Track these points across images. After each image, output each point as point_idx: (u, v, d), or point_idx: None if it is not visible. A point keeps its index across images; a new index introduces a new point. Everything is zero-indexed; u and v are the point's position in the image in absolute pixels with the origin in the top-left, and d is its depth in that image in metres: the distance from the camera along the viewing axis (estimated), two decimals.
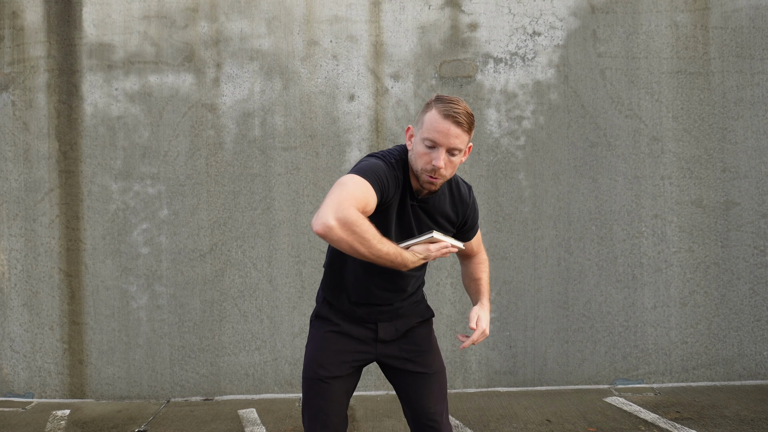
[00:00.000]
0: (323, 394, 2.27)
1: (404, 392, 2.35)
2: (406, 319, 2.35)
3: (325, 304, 2.38)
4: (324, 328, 2.34)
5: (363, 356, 2.32)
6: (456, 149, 2.06)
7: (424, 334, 2.38)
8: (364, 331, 2.31)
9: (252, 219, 4.69)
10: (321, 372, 2.27)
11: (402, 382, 2.35)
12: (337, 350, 2.29)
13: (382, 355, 2.34)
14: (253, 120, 4.70)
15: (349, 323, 2.32)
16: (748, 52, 4.69)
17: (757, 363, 4.69)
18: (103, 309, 4.68)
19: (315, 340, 2.34)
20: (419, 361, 2.33)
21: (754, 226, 4.69)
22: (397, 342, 2.33)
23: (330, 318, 2.34)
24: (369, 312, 2.31)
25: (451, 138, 2.04)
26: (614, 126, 4.69)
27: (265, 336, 4.69)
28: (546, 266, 4.70)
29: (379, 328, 2.31)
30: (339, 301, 2.33)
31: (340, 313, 2.34)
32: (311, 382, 2.28)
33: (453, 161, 2.08)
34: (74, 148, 4.70)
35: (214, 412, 4.39)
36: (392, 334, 2.33)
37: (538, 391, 4.63)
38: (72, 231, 4.69)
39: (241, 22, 4.70)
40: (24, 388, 4.70)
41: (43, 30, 4.70)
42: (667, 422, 3.94)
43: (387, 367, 2.37)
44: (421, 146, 2.07)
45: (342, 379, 2.29)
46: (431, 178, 2.08)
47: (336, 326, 2.32)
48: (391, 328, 2.33)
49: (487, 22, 4.71)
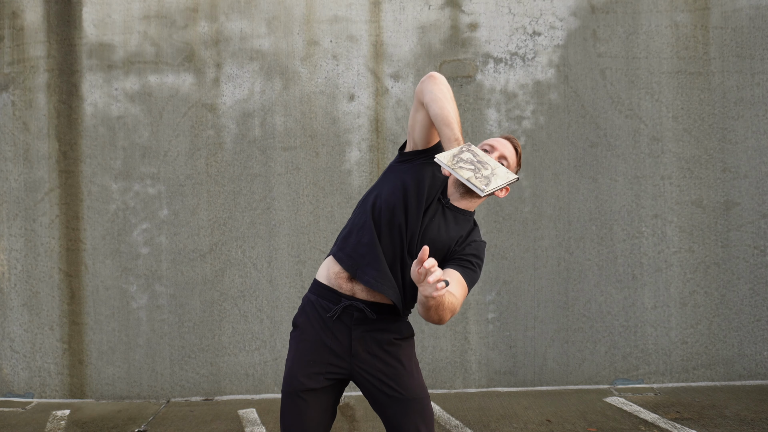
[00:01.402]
0: (298, 410, 2.20)
1: (382, 416, 2.25)
2: (382, 333, 2.23)
3: (305, 305, 2.30)
4: (298, 338, 2.27)
5: (337, 369, 2.22)
6: (506, 159, 2.30)
7: (404, 356, 2.25)
8: (337, 342, 2.21)
9: (252, 219, 4.69)
10: (294, 384, 2.20)
11: (378, 405, 2.25)
12: (311, 360, 2.21)
13: (358, 371, 2.22)
14: (253, 120, 4.70)
15: (323, 329, 2.22)
16: (748, 52, 4.69)
17: (757, 363, 4.69)
18: (103, 309, 4.68)
19: (290, 352, 2.28)
20: (395, 384, 2.21)
21: (754, 226, 4.69)
22: (372, 359, 2.21)
23: (304, 324, 2.26)
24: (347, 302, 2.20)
25: (506, 149, 2.32)
26: (614, 126, 4.69)
27: (265, 336, 4.69)
28: (546, 266, 4.70)
29: (353, 336, 2.21)
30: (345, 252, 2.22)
31: (317, 311, 2.24)
32: (286, 397, 2.22)
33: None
34: (74, 148, 4.70)
35: (214, 412, 4.39)
36: (363, 348, 2.21)
37: (538, 391, 4.63)
38: (72, 231, 4.69)
39: (241, 22, 4.70)
40: (24, 388, 4.70)
41: (43, 30, 4.70)
42: (667, 422, 3.94)
43: (363, 387, 2.25)
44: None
45: (317, 394, 2.21)
46: None
47: (309, 334, 2.24)
48: (366, 337, 2.21)
49: (487, 22, 4.71)
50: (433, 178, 2.24)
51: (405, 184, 2.22)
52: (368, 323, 2.22)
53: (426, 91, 2.19)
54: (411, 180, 2.22)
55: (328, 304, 2.24)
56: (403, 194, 2.20)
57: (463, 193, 2.24)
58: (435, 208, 2.22)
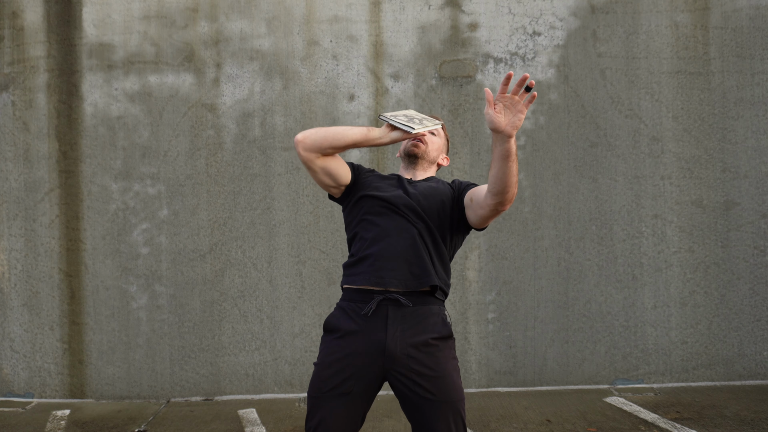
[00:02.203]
0: (323, 411, 2.17)
1: (411, 417, 2.21)
2: (416, 331, 2.19)
3: (337, 310, 2.28)
4: (330, 342, 2.24)
5: (368, 372, 2.18)
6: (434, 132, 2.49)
7: (441, 359, 2.19)
8: (371, 340, 2.18)
9: (252, 219, 4.69)
10: (322, 386, 2.18)
11: (408, 406, 2.20)
12: (341, 361, 2.18)
13: (390, 372, 2.17)
14: (253, 120, 4.70)
15: (357, 333, 2.19)
16: (748, 52, 4.69)
17: (757, 363, 4.69)
18: (103, 309, 4.68)
19: (319, 355, 2.25)
20: (428, 385, 2.15)
21: (754, 226, 4.69)
22: (407, 360, 2.16)
23: (336, 327, 2.24)
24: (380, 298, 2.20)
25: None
26: (614, 126, 4.70)
27: (265, 336, 4.69)
28: (546, 266, 4.70)
29: (388, 334, 2.16)
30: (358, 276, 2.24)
31: (349, 314, 2.23)
32: (312, 400, 2.20)
33: (433, 139, 2.48)
34: (74, 148, 4.70)
35: (214, 412, 4.39)
36: (401, 345, 2.16)
37: (538, 391, 4.63)
38: (72, 231, 4.69)
39: (241, 22, 4.70)
40: (24, 388, 4.70)
41: (43, 30, 4.70)
42: (667, 422, 3.94)
43: (395, 387, 2.20)
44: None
45: (345, 398, 2.17)
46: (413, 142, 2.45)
47: (341, 336, 2.21)
48: (401, 336, 2.17)
49: (487, 22, 4.71)
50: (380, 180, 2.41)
51: (366, 202, 2.33)
52: (404, 321, 2.19)
53: (301, 148, 2.30)
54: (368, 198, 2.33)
55: (362, 305, 2.22)
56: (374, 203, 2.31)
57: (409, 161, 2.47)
58: (406, 188, 2.36)
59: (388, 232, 2.25)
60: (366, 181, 2.39)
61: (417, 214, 2.27)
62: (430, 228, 2.28)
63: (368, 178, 2.41)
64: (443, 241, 2.31)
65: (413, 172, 2.47)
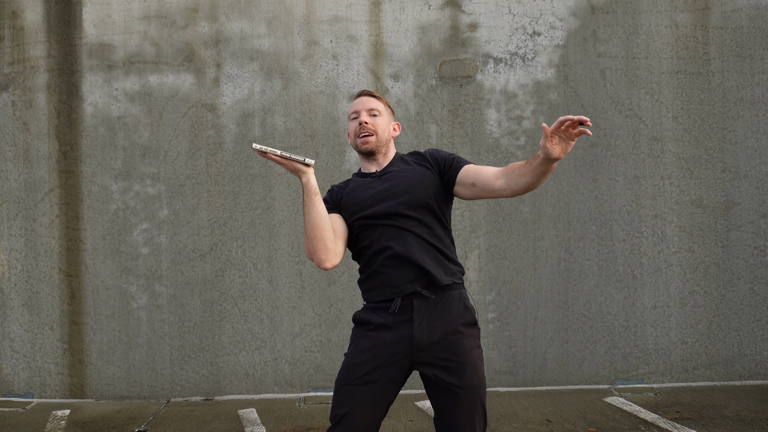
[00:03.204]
0: (350, 398, 2.23)
1: (435, 405, 2.28)
2: (442, 320, 2.26)
3: (363, 310, 2.36)
4: (358, 333, 2.32)
5: (397, 359, 2.25)
6: (374, 110, 2.43)
7: (467, 346, 2.26)
8: (398, 333, 2.25)
9: (252, 219, 4.69)
10: (351, 375, 2.24)
11: (434, 394, 2.27)
12: (370, 352, 2.25)
13: (417, 361, 2.26)
14: (253, 120, 4.70)
15: (386, 324, 2.26)
16: (748, 52, 4.69)
17: (757, 363, 4.69)
18: (103, 309, 4.69)
19: (350, 347, 2.33)
20: (453, 374, 2.23)
21: (754, 226, 4.69)
22: (433, 349, 2.24)
23: (366, 320, 2.31)
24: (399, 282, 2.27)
25: (365, 103, 2.44)
26: (614, 126, 4.70)
27: (265, 336, 4.69)
28: (546, 266, 4.70)
29: (415, 326, 2.23)
30: (374, 286, 2.33)
31: (377, 312, 2.30)
32: (339, 387, 2.26)
33: (377, 120, 2.42)
34: (74, 148, 4.70)
35: (214, 412, 4.39)
36: (428, 335, 2.24)
37: (538, 391, 4.63)
38: (72, 231, 4.69)
39: (241, 22, 4.70)
40: (24, 388, 4.70)
41: (43, 30, 4.70)
42: (667, 422, 3.94)
43: (422, 374, 2.29)
44: (351, 124, 2.46)
45: (373, 386, 2.23)
46: (363, 137, 2.40)
47: (371, 329, 2.28)
48: (426, 326, 2.24)
49: (487, 22, 4.71)
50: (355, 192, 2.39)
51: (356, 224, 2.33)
52: (429, 312, 2.26)
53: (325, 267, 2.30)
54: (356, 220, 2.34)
55: (387, 305, 2.29)
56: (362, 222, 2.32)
57: (367, 157, 2.44)
58: (377, 183, 2.36)
59: (387, 243, 2.29)
60: (347, 204, 2.38)
61: (405, 216, 2.29)
62: (423, 221, 2.31)
63: (346, 199, 2.39)
64: (439, 223, 2.35)
65: (376, 164, 2.45)
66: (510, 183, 2.22)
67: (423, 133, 4.69)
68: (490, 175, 2.27)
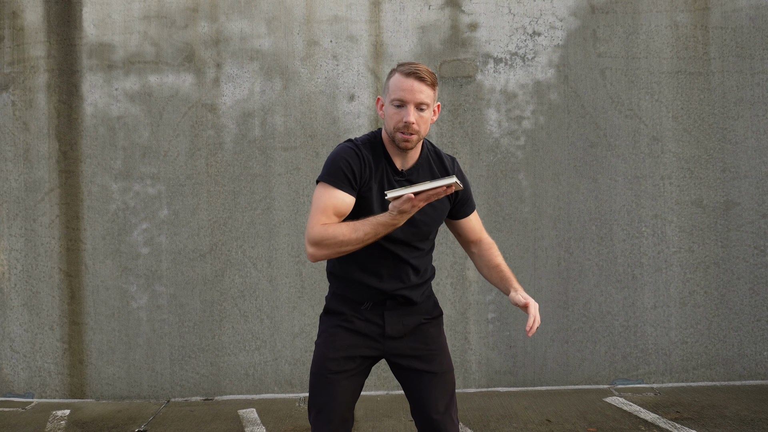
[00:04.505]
0: (330, 390, 2.28)
1: (410, 390, 2.36)
2: (413, 316, 2.34)
3: (334, 298, 2.38)
4: (332, 323, 2.35)
5: (370, 352, 2.32)
6: (423, 104, 2.16)
7: (434, 334, 2.37)
8: (371, 327, 2.31)
9: (252, 219, 4.69)
10: (329, 366, 2.28)
11: (408, 381, 2.35)
12: (345, 345, 2.30)
13: (390, 353, 2.33)
14: (253, 120, 4.70)
15: (358, 317, 2.31)
16: (748, 52, 4.69)
17: (757, 363, 4.69)
18: (103, 309, 4.69)
19: (323, 335, 2.35)
20: (426, 361, 2.33)
21: (754, 226, 4.69)
22: (405, 339, 2.33)
23: (339, 311, 2.34)
24: (377, 296, 2.30)
25: (416, 93, 2.15)
26: (614, 126, 4.70)
27: (265, 336, 4.69)
28: (546, 266, 4.70)
29: (386, 323, 2.31)
30: (348, 288, 2.33)
31: (349, 303, 2.33)
32: (318, 378, 2.30)
33: (423, 117, 2.18)
34: (74, 148, 4.70)
35: (214, 412, 4.39)
36: (400, 330, 2.32)
37: (538, 391, 4.63)
38: (72, 231, 4.69)
39: (241, 22, 4.70)
40: (24, 388, 4.71)
41: (43, 30, 4.70)
42: (667, 422, 3.94)
43: (394, 365, 2.37)
44: (391, 108, 2.19)
45: (349, 376, 2.29)
46: (404, 135, 2.17)
47: (344, 320, 2.32)
48: (398, 323, 2.32)
49: (487, 22, 4.71)
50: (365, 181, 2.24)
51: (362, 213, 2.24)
52: (399, 307, 2.33)
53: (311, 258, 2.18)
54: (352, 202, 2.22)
55: (361, 297, 2.33)
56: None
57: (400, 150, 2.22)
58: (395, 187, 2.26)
59: (378, 268, 2.28)
60: (364, 199, 2.23)
61: (410, 246, 2.30)
62: (420, 248, 2.33)
63: (365, 193, 2.22)
64: (430, 242, 2.38)
65: (403, 158, 2.26)
66: (476, 261, 2.45)
67: None
68: (473, 237, 2.44)
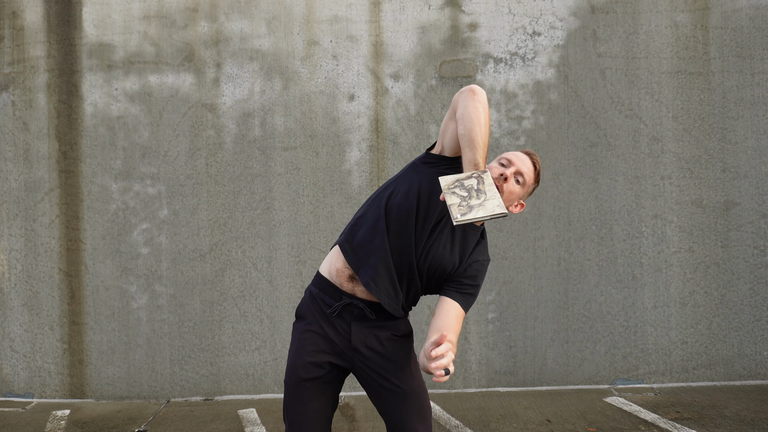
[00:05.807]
0: (302, 399, 2.24)
1: (380, 407, 2.31)
2: (380, 329, 2.27)
3: (307, 297, 2.34)
4: (301, 329, 2.30)
5: (338, 361, 2.27)
6: (522, 175, 2.23)
7: (402, 352, 2.30)
8: (338, 336, 2.25)
9: (252, 219, 4.69)
10: (299, 372, 2.24)
11: (377, 398, 2.30)
12: (314, 350, 2.25)
13: (358, 365, 2.27)
14: (253, 120, 4.70)
15: (325, 321, 2.26)
16: (748, 52, 4.69)
17: (757, 363, 4.69)
18: (103, 309, 4.69)
19: (293, 342, 2.32)
20: (393, 378, 2.26)
21: (754, 226, 4.69)
22: (372, 353, 2.25)
23: (307, 315, 2.30)
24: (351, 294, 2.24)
25: (524, 162, 2.25)
26: (614, 126, 4.70)
27: (265, 336, 4.69)
28: (546, 266, 4.70)
29: (352, 332, 2.24)
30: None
31: (319, 305, 2.28)
32: (290, 387, 2.26)
33: (514, 189, 2.23)
34: (74, 148, 4.70)
35: (214, 412, 4.39)
36: (363, 342, 2.25)
37: (538, 391, 4.63)
38: (72, 231, 4.69)
39: (241, 22, 4.70)
40: (24, 388, 4.71)
41: (43, 30, 4.70)
42: (667, 422, 3.94)
43: (362, 380, 2.31)
44: (495, 164, 2.27)
45: (319, 383, 2.25)
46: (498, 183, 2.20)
47: (312, 324, 2.28)
48: (361, 335, 2.25)
49: (487, 22, 4.71)
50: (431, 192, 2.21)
51: (420, 189, 2.18)
52: (368, 321, 2.26)
53: (461, 105, 2.11)
54: (427, 187, 2.18)
55: (330, 300, 2.27)
56: (417, 200, 2.18)
57: None
58: (446, 221, 2.20)
59: (392, 246, 2.20)
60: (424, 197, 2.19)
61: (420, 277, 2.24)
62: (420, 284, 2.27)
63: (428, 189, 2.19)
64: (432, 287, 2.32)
65: None
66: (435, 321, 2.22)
67: (423, 133, 4.69)
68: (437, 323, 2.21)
